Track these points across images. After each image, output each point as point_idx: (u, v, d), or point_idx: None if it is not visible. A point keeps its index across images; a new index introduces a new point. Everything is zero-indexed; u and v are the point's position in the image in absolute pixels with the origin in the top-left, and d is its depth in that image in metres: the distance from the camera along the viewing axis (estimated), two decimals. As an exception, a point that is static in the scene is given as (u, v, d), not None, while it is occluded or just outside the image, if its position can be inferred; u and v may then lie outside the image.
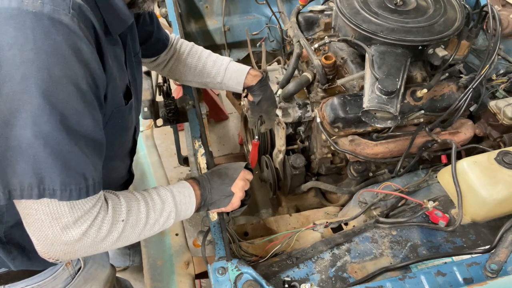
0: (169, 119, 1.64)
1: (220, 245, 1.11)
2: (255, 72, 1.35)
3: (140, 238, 0.96)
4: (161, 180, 1.72)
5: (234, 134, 3.15)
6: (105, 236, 0.85)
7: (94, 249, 0.86)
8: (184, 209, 1.02)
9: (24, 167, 0.71)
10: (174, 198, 1.00)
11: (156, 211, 0.96)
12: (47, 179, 0.73)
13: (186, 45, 1.38)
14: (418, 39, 1.39)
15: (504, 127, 1.45)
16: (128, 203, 0.91)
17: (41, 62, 0.67)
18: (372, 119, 1.36)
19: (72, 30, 0.70)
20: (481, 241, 1.19)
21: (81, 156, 0.76)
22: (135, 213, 0.91)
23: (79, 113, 0.74)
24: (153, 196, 0.97)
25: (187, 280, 1.33)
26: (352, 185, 1.59)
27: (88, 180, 0.78)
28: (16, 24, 0.66)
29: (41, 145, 0.71)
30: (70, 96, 0.71)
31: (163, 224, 0.98)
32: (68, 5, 0.70)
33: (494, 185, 1.17)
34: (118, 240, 0.89)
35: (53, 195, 0.74)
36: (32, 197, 0.73)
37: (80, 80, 0.73)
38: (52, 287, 1.12)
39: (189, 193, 1.04)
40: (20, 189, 0.72)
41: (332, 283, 1.12)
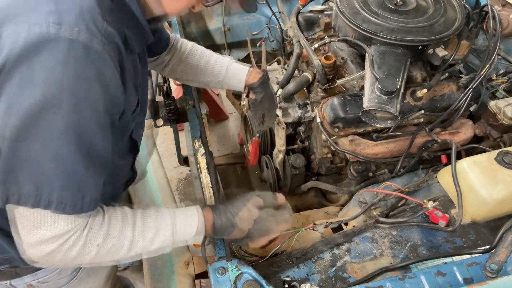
0: (169, 119, 1.64)
1: (220, 245, 1.11)
2: (256, 71, 1.36)
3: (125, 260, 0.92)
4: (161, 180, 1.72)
5: (234, 134, 3.15)
6: (75, 257, 0.84)
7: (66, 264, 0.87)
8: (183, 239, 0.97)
9: (26, 177, 0.75)
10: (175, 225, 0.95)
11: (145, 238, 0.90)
12: (45, 191, 0.76)
13: (187, 44, 1.39)
14: (418, 39, 1.39)
15: (504, 127, 1.45)
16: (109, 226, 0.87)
17: (66, 83, 0.72)
18: (372, 119, 1.36)
19: (102, 57, 0.75)
20: (481, 241, 1.19)
21: (84, 174, 0.79)
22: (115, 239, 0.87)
23: (91, 133, 0.77)
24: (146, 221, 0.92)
25: (187, 280, 1.33)
26: (352, 185, 1.59)
27: (85, 198, 0.80)
28: (50, 48, 0.70)
29: (48, 159, 0.74)
30: (86, 117, 0.76)
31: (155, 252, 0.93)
32: (102, 33, 0.75)
33: (494, 185, 1.17)
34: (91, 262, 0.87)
35: (48, 206, 0.77)
36: (27, 205, 0.76)
37: (98, 103, 0.77)
38: (56, 281, 1.14)
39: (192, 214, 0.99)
40: (18, 195, 0.75)
41: (332, 283, 1.12)
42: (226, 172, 2.50)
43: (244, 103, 1.81)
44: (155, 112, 1.67)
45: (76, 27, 0.72)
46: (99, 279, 1.30)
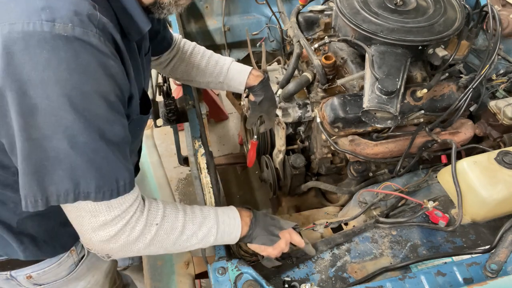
0: (169, 119, 1.64)
1: (220, 245, 1.11)
2: (257, 73, 1.36)
3: (176, 249, 0.97)
4: (161, 180, 1.72)
5: (234, 134, 3.15)
6: (137, 237, 0.88)
7: (128, 249, 0.90)
8: (228, 230, 1.02)
9: (61, 175, 0.77)
10: (217, 216, 1.00)
11: (195, 223, 0.96)
12: (82, 184, 0.78)
13: (189, 44, 1.39)
14: (418, 39, 1.39)
15: (504, 127, 1.45)
16: (165, 208, 0.93)
17: (74, 81, 0.73)
18: (372, 119, 1.36)
19: (100, 49, 0.75)
20: (481, 241, 1.19)
21: (114, 161, 0.81)
22: (171, 220, 0.93)
23: (110, 122, 0.79)
24: (194, 209, 0.99)
25: (187, 280, 1.33)
26: (352, 185, 1.59)
27: (119, 182, 0.82)
28: (49, 47, 0.70)
29: (77, 154, 0.76)
30: (101, 108, 0.77)
31: (202, 238, 0.98)
32: (95, 25, 0.75)
33: (494, 185, 1.17)
34: (151, 243, 0.91)
35: (87, 197, 0.79)
36: (68, 201, 0.79)
37: (109, 93, 0.78)
38: (56, 273, 1.15)
39: (234, 216, 1.04)
40: (57, 195, 0.78)
41: (332, 283, 1.12)
42: (226, 172, 2.51)
43: (244, 103, 1.81)
44: (155, 112, 1.67)
45: (70, 23, 0.71)
46: (98, 274, 1.30)
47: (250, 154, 1.59)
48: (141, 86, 1.02)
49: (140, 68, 1.01)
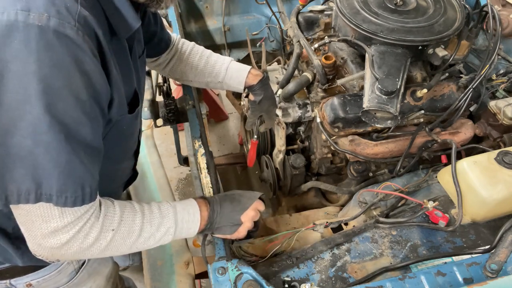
0: (169, 119, 1.64)
1: (220, 245, 1.11)
2: (256, 72, 1.36)
3: (132, 250, 0.94)
4: (161, 180, 1.72)
5: (234, 134, 3.15)
6: (91, 244, 0.85)
7: (80, 254, 0.87)
8: (186, 227, 1.00)
9: (23, 173, 0.73)
10: (176, 214, 0.98)
11: (153, 224, 0.94)
12: (44, 184, 0.75)
13: (188, 45, 1.39)
14: (418, 39, 1.39)
15: (504, 127, 1.45)
16: (122, 212, 0.90)
17: (43, 74, 0.69)
18: (372, 119, 1.36)
19: (76, 43, 0.71)
20: (481, 241, 1.19)
21: (79, 165, 0.77)
22: (128, 224, 0.90)
23: (78, 122, 0.75)
24: (153, 209, 0.96)
25: (187, 280, 1.33)
26: (352, 185, 1.59)
27: (85, 189, 0.79)
28: (21, 37, 0.67)
29: (40, 153, 0.72)
30: (70, 106, 0.73)
31: (160, 239, 0.96)
32: (74, 18, 0.71)
33: (494, 185, 1.17)
34: (106, 249, 0.88)
35: (49, 199, 0.76)
36: (29, 201, 0.75)
37: (81, 91, 0.74)
38: (56, 281, 1.13)
39: (194, 211, 1.02)
40: (17, 194, 0.74)
41: (332, 283, 1.12)
42: (226, 172, 2.50)
43: (244, 103, 1.81)
44: (155, 112, 1.67)
45: (46, 13, 0.68)
46: (100, 279, 1.30)
47: (250, 154, 1.59)
48: (132, 87, 0.99)
49: (132, 69, 0.98)
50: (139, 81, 1.07)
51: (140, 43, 1.09)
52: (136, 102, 1.01)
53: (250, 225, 1.09)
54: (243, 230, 1.08)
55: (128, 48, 0.95)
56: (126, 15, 0.85)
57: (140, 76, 1.09)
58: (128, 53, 0.96)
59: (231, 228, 1.07)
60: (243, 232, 1.09)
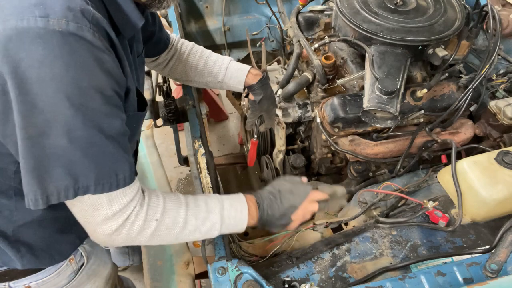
0: (169, 119, 1.64)
1: (220, 245, 1.11)
2: (255, 71, 1.36)
3: (179, 241, 0.97)
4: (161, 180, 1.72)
5: (234, 134, 3.15)
6: (138, 232, 0.89)
7: (130, 241, 0.91)
8: (233, 223, 1.01)
9: (60, 172, 0.77)
10: (223, 210, 1.00)
11: (198, 218, 0.96)
12: (81, 178, 0.79)
13: (187, 45, 1.39)
14: (418, 39, 1.39)
15: (504, 127, 1.45)
16: (166, 203, 0.93)
17: (70, 76, 0.72)
18: (372, 119, 1.36)
19: (94, 44, 0.75)
20: (481, 241, 1.19)
21: (112, 154, 0.81)
22: (172, 215, 0.93)
23: (108, 116, 0.79)
24: (199, 203, 0.98)
25: (187, 280, 1.33)
26: (352, 185, 1.59)
27: (119, 175, 0.83)
28: (44, 43, 0.70)
29: (75, 149, 0.76)
30: (98, 103, 0.77)
31: (205, 233, 0.98)
32: (89, 20, 0.74)
33: (494, 185, 1.17)
34: (152, 237, 0.91)
35: (87, 191, 0.80)
36: (68, 197, 0.79)
37: (106, 88, 0.78)
38: (55, 283, 1.14)
39: (242, 209, 1.03)
40: (57, 193, 0.78)
41: (332, 283, 1.12)
42: (226, 172, 2.50)
43: (244, 103, 1.81)
44: (155, 112, 1.67)
45: (64, 18, 0.71)
46: (99, 280, 1.29)
47: (251, 153, 1.59)
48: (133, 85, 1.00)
49: (133, 67, 1.00)
50: (138, 81, 1.08)
51: (139, 42, 1.09)
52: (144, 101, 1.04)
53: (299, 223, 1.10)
54: (293, 226, 1.11)
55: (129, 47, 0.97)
56: (130, 14, 0.87)
57: (139, 75, 1.09)
58: (129, 52, 0.97)
59: (280, 226, 1.09)
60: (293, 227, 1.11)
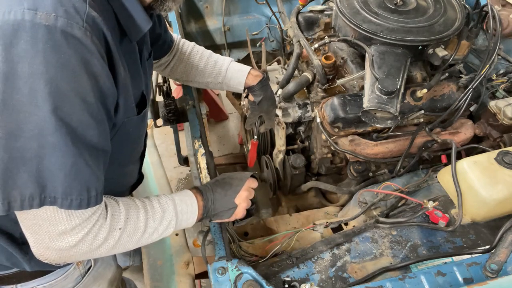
0: (169, 119, 1.64)
1: (220, 245, 1.11)
2: (256, 72, 1.36)
3: (138, 246, 0.95)
4: (161, 180, 1.72)
5: (234, 134, 3.15)
6: (101, 244, 0.85)
7: (89, 255, 0.87)
8: (186, 218, 1.01)
9: (26, 178, 0.72)
10: (176, 207, 0.99)
11: (155, 219, 0.95)
12: (49, 187, 0.73)
13: (188, 45, 1.39)
14: (418, 39, 1.39)
15: (504, 127, 1.45)
16: (127, 211, 0.90)
17: (49, 75, 0.68)
18: (372, 119, 1.36)
19: (84, 44, 0.70)
20: (481, 241, 1.19)
21: (85, 167, 0.76)
22: (133, 222, 0.90)
23: (85, 125, 0.74)
24: (153, 204, 0.96)
25: (187, 280, 1.33)
26: (352, 185, 1.59)
27: (90, 192, 0.78)
28: (28, 37, 0.66)
29: (46, 155, 0.71)
30: (76, 108, 0.72)
31: (162, 232, 0.97)
32: (82, 18, 0.70)
33: (494, 185, 1.17)
34: (114, 247, 0.88)
35: (54, 202, 0.74)
36: (33, 207, 0.73)
37: (88, 93, 0.73)
38: (62, 286, 1.13)
39: (191, 202, 1.03)
40: (21, 200, 0.72)
41: (332, 283, 1.12)
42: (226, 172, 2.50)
43: (244, 103, 1.81)
44: (155, 112, 1.67)
45: (54, 13, 0.67)
46: (104, 283, 1.30)
47: (251, 154, 1.59)
48: (140, 90, 1.00)
49: (141, 72, 0.99)
50: (147, 84, 1.07)
51: (147, 46, 1.09)
52: (144, 104, 1.01)
53: (246, 204, 1.10)
54: (240, 211, 1.09)
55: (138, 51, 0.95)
56: (136, 18, 0.84)
57: (148, 78, 1.09)
58: (138, 56, 0.96)
59: (227, 212, 1.07)
60: (241, 213, 1.10)
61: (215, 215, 1.07)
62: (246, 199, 1.09)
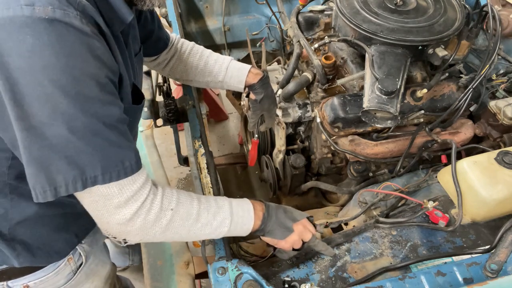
0: (169, 119, 1.64)
1: (220, 245, 1.11)
2: (256, 71, 1.36)
3: (191, 237, 0.97)
4: (161, 180, 1.72)
5: (234, 134, 3.15)
6: (153, 220, 0.88)
7: (145, 232, 0.89)
8: (241, 222, 1.01)
9: (65, 163, 0.76)
10: (231, 207, 1.00)
11: (209, 212, 0.96)
12: (88, 168, 0.77)
13: (187, 44, 1.39)
14: (418, 39, 1.39)
15: (504, 127, 1.45)
16: (179, 194, 0.93)
17: (61, 65, 0.71)
18: (372, 119, 1.36)
19: (83, 30, 0.73)
20: (481, 241, 1.19)
21: (116, 141, 0.80)
22: (186, 206, 0.92)
23: (104, 103, 0.78)
24: (209, 199, 0.98)
25: (187, 280, 1.33)
26: (352, 185, 1.59)
27: (125, 163, 0.82)
28: (31, 31, 0.68)
29: (78, 139, 0.75)
30: (93, 90, 0.75)
31: (216, 228, 0.98)
32: (75, 7, 0.73)
33: (494, 185, 1.17)
34: (167, 228, 0.90)
35: (95, 182, 0.79)
36: (77, 189, 0.78)
37: (99, 75, 0.77)
38: (54, 282, 1.13)
39: (248, 208, 1.03)
40: (65, 184, 0.77)
41: (332, 283, 1.12)
42: (226, 172, 2.50)
43: (244, 103, 1.81)
44: (155, 112, 1.67)
45: (50, 5, 0.70)
46: (97, 280, 1.29)
47: (252, 153, 1.59)
48: (131, 81, 1.00)
49: (128, 63, 0.99)
50: (136, 79, 1.07)
51: (136, 40, 1.09)
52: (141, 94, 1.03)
53: (298, 238, 1.09)
54: (294, 237, 1.08)
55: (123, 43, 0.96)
56: (117, 8, 0.86)
57: (137, 73, 1.09)
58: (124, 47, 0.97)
59: (282, 233, 1.07)
60: (293, 240, 1.08)
61: (270, 232, 1.07)
62: (300, 233, 1.09)
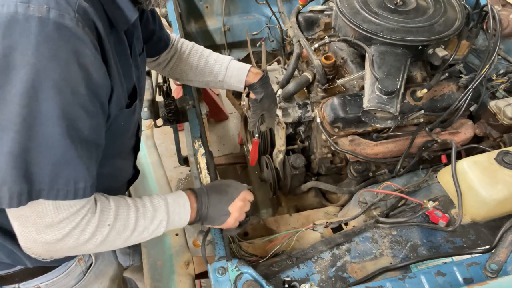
0: (169, 119, 1.64)
1: (220, 245, 1.11)
2: (256, 70, 1.36)
3: (126, 244, 0.94)
4: (161, 180, 1.72)
5: (234, 134, 3.15)
6: (88, 239, 0.84)
7: (75, 250, 0.86)
8: (178, 218, 1.00)
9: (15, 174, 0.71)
10: (168, 206, 0.98)
11: (146, 218, 0.94)
12: (36, 181, 0.73)
13: (187, 44, 1.39)
14: (418, 39, 1.39)
15: (504, 127, 1.45)
16: (117, 208, 0.89)
17: (41, 66, 0.68)
18: (372, 119, 1.36)
19: (76, 34, 0.71)
20: (481, 241, 1.19)
21: (75, 159, 0.76)
22: (123, 219, 0.90)
23: (76, 117, 0.74)
24: (145, 203, 0.96)
25: (187, 280, 1.33)
26: (352, 185, 1.59)
27: (78, 184, 0.77)
28: (20, 29, 0.67)
29: (34, 147, 0.71)
30: (67, 100, 0.72)
31: (153, 231, 0.96)
32: (74, 9, 0.71)
33: (494, 185, 1.17)
34: (102, 243, 0.88)
35: (39, 195, 0.74)
36: (21, 203, 0.73)
37: (79, 85, 0.73)
38: (65, 283, 1.13)
39: (184, 202, 1.02)
40: (10, 197, 0.72)
41: (332, 283, 1.12)
42: (226, 172, 2.50)
43: (244, 103, 1.81)
44: (155, 112, 1.67)
45: (46, 5, 0.68)
46: (106, 280, 1.30)
47: (252, 153, 1.59)
48: (131, 82, 0.99)
49: (131, 64, 0.98)
50: (139, 79, 1.07)
51: (139, 40, 1.09)
52: (134, 97, 1.01)
53: (238, 215, 1.08)
54: (232, 220, 1.07)
55: (127, 43, 0.96)
56: (123, 7, 0.85)
57: (141, 73, 1.09)
58: (128, 48, 0.96)
59: (220, 218, 1.06)
60: (232, 222, 1.08)
61: (208, 220, 1.06)
62: (239, 210, 1.08)
